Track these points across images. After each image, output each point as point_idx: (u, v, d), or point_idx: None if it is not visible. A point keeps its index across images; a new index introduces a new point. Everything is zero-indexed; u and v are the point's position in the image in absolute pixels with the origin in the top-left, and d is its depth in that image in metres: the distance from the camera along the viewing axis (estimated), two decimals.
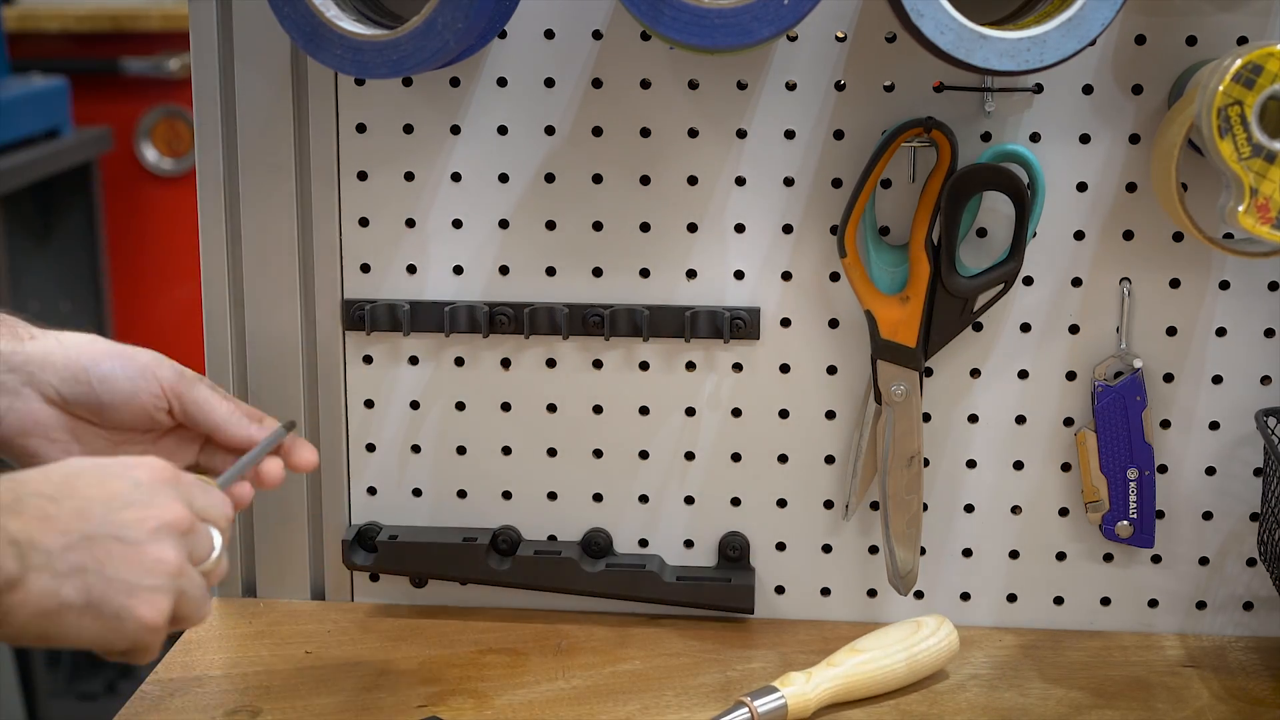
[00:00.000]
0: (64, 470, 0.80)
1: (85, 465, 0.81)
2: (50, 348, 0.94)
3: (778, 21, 0.94)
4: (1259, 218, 0.95)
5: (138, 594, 0.78)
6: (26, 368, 0.93)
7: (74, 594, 0.76)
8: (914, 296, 1.08)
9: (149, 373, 0.95)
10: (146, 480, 0.81)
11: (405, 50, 0.98)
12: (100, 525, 0.78)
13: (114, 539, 0.78)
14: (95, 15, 3.01)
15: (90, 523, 0.78)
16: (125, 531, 0.79)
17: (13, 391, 0.93)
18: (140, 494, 0.80)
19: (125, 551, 0.78)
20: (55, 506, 0.77)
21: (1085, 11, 0.94)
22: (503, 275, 1.13)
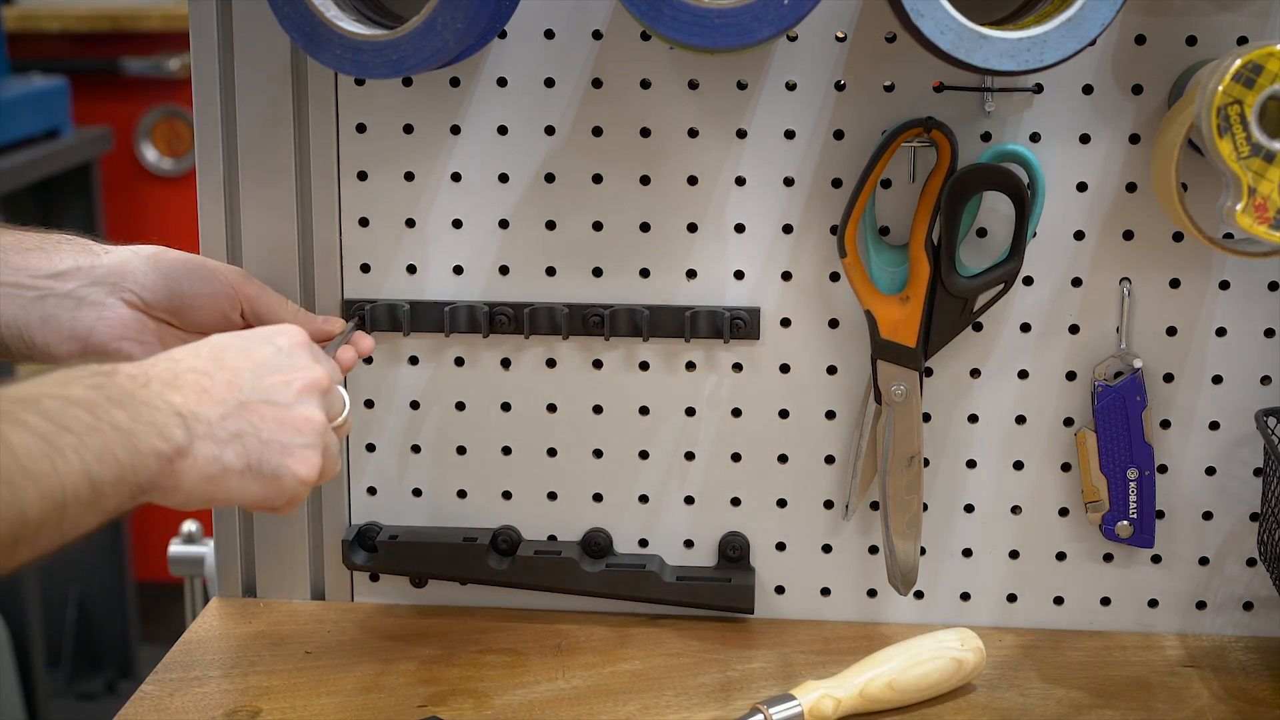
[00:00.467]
0: (211, 345, 0.86)
1: (229, 339, 0.87)
2: (126, 258, 1.00)
3: (778, 21, 0.94)
4: (1257, 217, 0.95)
5: (292, 452, 0.85)
6: (109, 279, 0.98)
7: (235, 458, 0.82)
8: (914, 296, 1.08)
9: (221, 277, 1.02)
10: (287, 346, 0.88)
11: (405, 50, 0.98)
12: (251, 392, 0.84)
13: (265, 403, 0.85)
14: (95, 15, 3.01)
15: (242, 391, 0.84)
16: (274, 395, 0.85)
17: (100, 303, 0.98)
18: (283, 359, 0.87)
19: (277, 414, 0.85)
20: (209, 379, 0.83)
21: (1085, 11, 0.94)
22: (503, 275, 1.13)
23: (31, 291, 0.96)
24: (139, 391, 0.78)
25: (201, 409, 0.81)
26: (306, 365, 0.88)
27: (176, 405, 0.79)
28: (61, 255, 0.98)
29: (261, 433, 0.84)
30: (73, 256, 0.98)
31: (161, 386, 0.80)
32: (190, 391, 0.81)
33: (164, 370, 0.81)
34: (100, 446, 0.74)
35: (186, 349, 0.85)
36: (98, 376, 0.77)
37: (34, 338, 0.96)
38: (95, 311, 0.97)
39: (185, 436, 0.79)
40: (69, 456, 0.72)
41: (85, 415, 0.74)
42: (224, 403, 0.82)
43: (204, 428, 0.80)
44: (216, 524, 1.17)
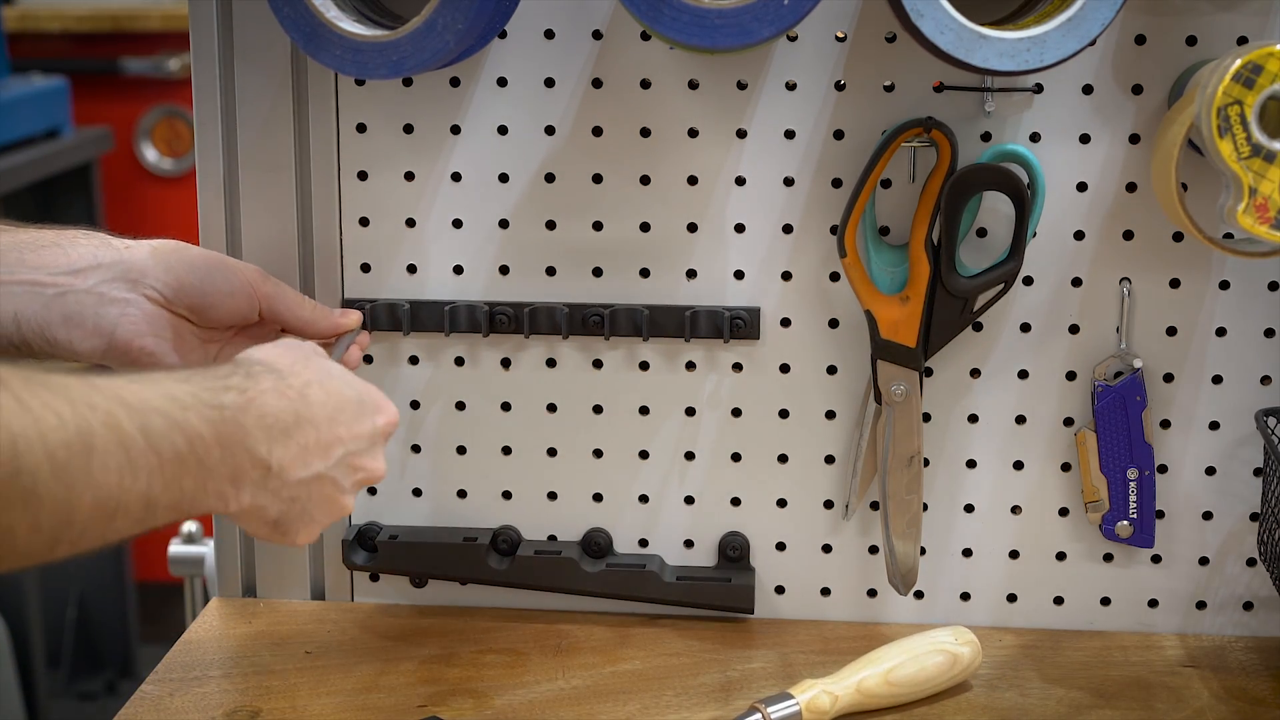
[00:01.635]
0: (337, 400, 0.86)
1: (351, 398, 0.88)
2: (147, 254, 0.99)
3: (778, 22, 0.94)
4: (1258, 217, 0.95)
5: (312, 526, 0.87)
6: (129, 275, 0.98)
7: (274, 513, 0.84)
8: (914, 296, 1.08)
9: (240, 275, 1.01)
10: (381, 433, 0.90)
11: (405, 51, 0.98)
12: (332, 467, 0.86)
13: (331, 481, 0.86)
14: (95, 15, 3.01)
15: (328, 462, 0.85)
16: (342, 478, 0.87)
17: (123, 300, 0.97)
18: (370, 445, 0.89)
19: (331, 496, 0.86)
20: (315, 435, 0.84)
21: (1085, 11, 0.94)
22: (503, 275, 1.13)
23: (51, 289, 0.95)
24: (252, 433, 0.79)
25: (290, 469, 0.82)
26: (378, 460, 0.90)
27: (273, 459, 0.81)
28: (79, 251, 0.97)
29: (309, 505, 0.85)
30: (91, 252, 0.97)
31: (280, 432, 0.81)
32: (295, 446, 0.82)
33: (292, 412, 0.82)
34: (174, 476, 0.74)
35: (319, 389, 0.85)
36: (222, 412, 0.77)
37: (56, 335, 0.96)
38: (118, 308, 0.97)
39: (254, 489, 0.80)
40: (140, 477, 0.72)
41: (183, 446, 0.74)
42: (309, 467, 0.84)
43: (275, 484, 0.82)
44: (216, 524, 1.17)
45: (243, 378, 0.81)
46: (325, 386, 0.86)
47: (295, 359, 0.86)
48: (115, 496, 0.71)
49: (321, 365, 0.88)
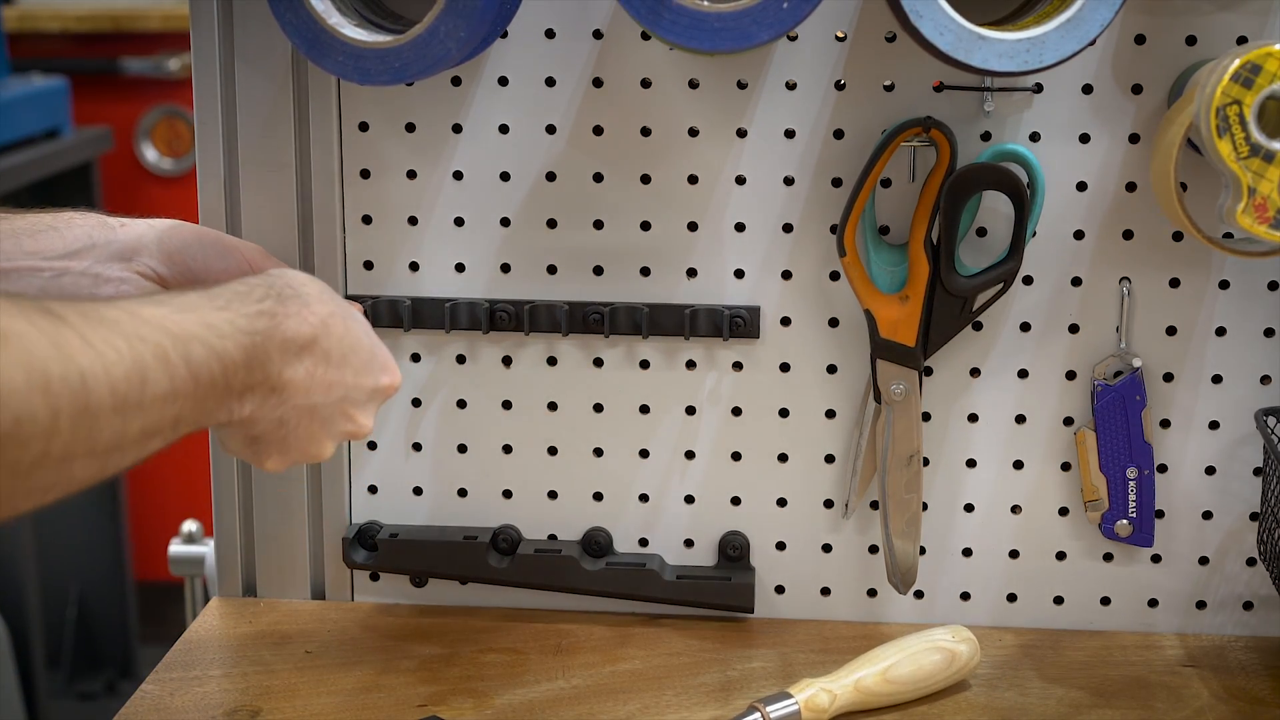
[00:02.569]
0: (351, 341, 0.87)
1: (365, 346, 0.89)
2: (142, 232, 1.00)
3: (777, 25, 0.94)
4: (1257, 217, 0.95)
5: (285, 456, 0.88)
6: (124, 254, 0.98)
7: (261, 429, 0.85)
8: (913, 296, 1.08)
9: (238, 253, 1.01)
10: (380, 393, 0.90)
11: (407, 58, 0.98)
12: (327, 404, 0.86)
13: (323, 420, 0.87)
14: (95, 15, 3.01)
15: (327, 397, 0.86)
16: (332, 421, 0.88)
17: (117, 279, 0.98)
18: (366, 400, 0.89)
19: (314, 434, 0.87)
20: (324, 370, 0.85)
21: (1084, 12, 0.94)
22: (504, 273, 1.13)
23: (48, 272, 0.96)
24: (274, 357, 0.81)
25: (293, 392, 0.83)
26: (369, 415, 0.90)
27: (284, 379, 0.82)
28: (75, 233, 0.98)
29: (292, 433, 0.86)
30: (86, 233, 0.98)
31: (294, 354, 0.82)
32: (304, 370, 0.83)
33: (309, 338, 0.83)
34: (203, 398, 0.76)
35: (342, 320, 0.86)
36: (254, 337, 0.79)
37: None
38: (113, 287, 0.97)
39: (256, 404, 0.81)
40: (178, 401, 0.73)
41: (218, 372, 0.76)
42: (309, 396, 0.85)
43: (274, 401, 0.83)
44: (216, 524, 1.17)
45: (274, 301, 0.82)
46: (345, 324, 0.87)
47: (322, 289, 0.87)
48: (157, 420, 0.72)
49: (345, 303, 0.89)
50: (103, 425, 0.68)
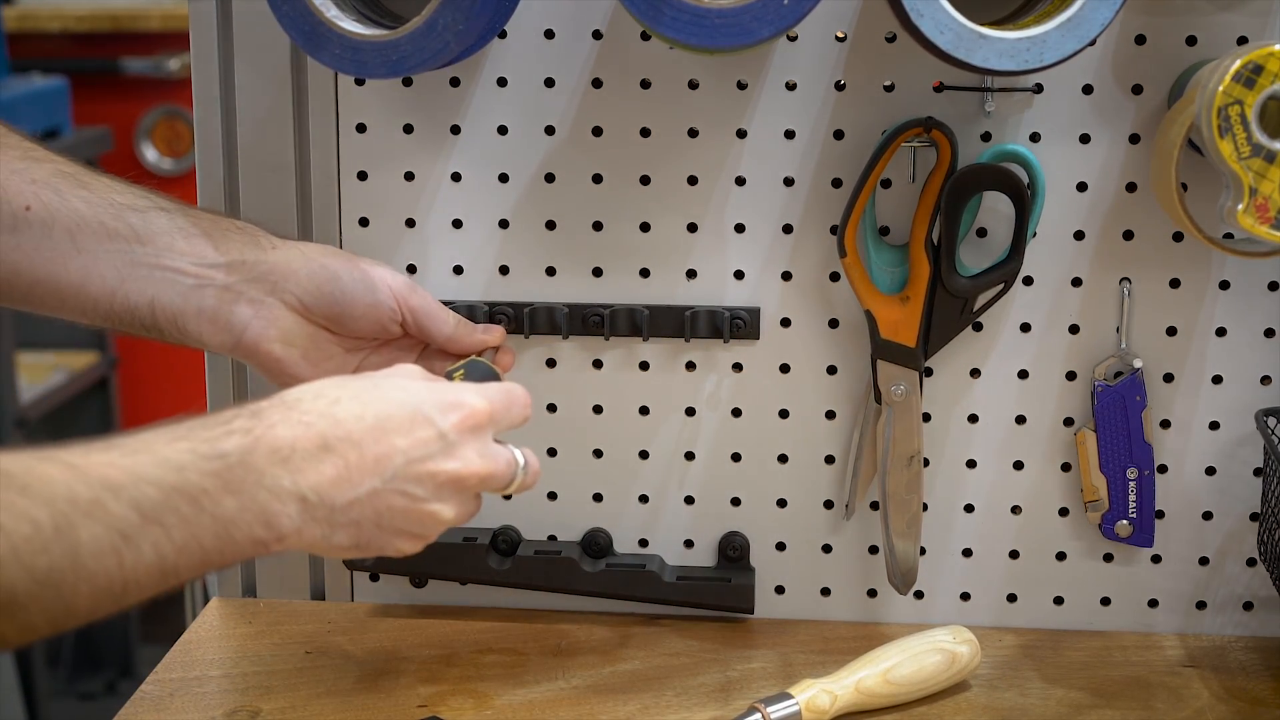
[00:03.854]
0: (379, 409, 0.81)
1: (400, 404, 0.82)
2: (293, 258, 0.97)
3: (778, 22, 0.94)
4: (1258, 217, 0.95)
5: (405, 537, 0.83)
6: (270, 277, 0.97)
7: (344, 539, 0.80)
8: (914, 296, 1.08)
9: (385, 287, 0.99)
10: (455, 431, 0.83)
11: (405, 51, 0.98)
12: (392, 480, 0.81)
13: (400, 494, 0.81)
14: (95, 15, 3.01)
15: (383, 475, 0.80)
16: (413, 488, 0.82)
17: (258, 301, 0.96)
18: (443, 447, 0.83)
19: (406, 507, 0.82)
20: (358, 454, 0.79)
21: (1085, 12, 0.94)
22: (503, 275, 1.13)
23: (191, 279, 0.95)
24: (268, 471, 0.76)
25: (332, 493, 0.78)
26: (463, 459, 0.84)
27: (304, 489, 0.77)
28: (228, 245, 0.96)
29: (382, 521, 0.81)
30: (239, 248, 0.96)
31: (301, 460, 0.77)
32: (329, 469, 0.78)
33: (315, 436, 0.78)
34: (187, 538, 0.72)
35: (355, 403, 0.81)
36: (225, 460, 0.74)
37: (188, 326, 0.95)
38: (252, 309, 0.96)
39: (295, 524, 0.77)
40: (144, 551, 0.70)
41: (186, 508, 0.72)
42: (358, 487, 0.79)
43: (324, 512, 0.78)
44: None
45: (247, 418, 0.77)
46: (362, 400, 0.81)
47: (316, 386, 0.82)
48: (118, 577, 0.70)
49: (365, 381, 0.83)
50: (25, 603, 0.66)
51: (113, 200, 0.94)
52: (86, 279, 0.93)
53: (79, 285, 0.93)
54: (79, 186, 0.93)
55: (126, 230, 0.94)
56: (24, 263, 0.92)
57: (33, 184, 0.92)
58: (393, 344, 1.02)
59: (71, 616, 0.69)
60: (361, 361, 1.01)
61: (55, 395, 2.69)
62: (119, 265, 0.93)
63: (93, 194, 0.94)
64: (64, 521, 0.67)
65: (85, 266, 0.92)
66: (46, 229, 0.92)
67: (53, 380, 2.70)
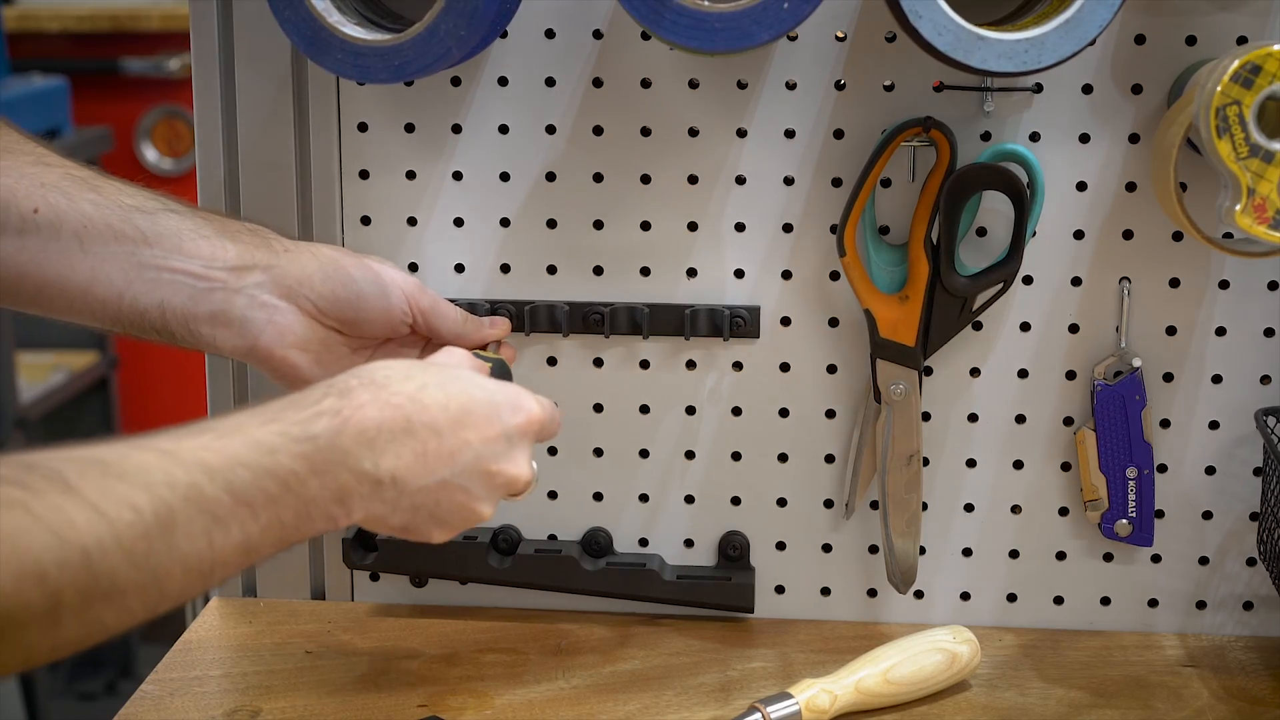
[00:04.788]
0: (462, 401, 0.83)
1: (480, 400, 0.84)
2: (306, 262, 0.97)
3: (777, 25, 0.94)
4: (1256, 217, 0.95)
5: (444, 529, 0.84)
6: (285, 282, 0.96)
7: (398, 521, 0.81)
8: (913, 295, 1.08)
9: (398, 289, 0.99)
10: (518, 434, 0.86)
11: (407, 56, 0.98)
12: (459, 474, 0.82)
13: (461, 489, 0.83)
14: (95, 15, 3.01)
15: (454, 467, 0.82)
16: (474, 485, 0.83)
17: (273, 306, 0.96)
18: (507, 449, 0.85)
19: (462, 501, 0.83)
20: (437, 442, 0.81)
21: (1083, 13, 0.94)
22: (504, 273, 1.13)
23: (203, 283, 0.94)
24: (353, 452, 0.77)
25: (407, 477, 0.80)
26: (518, 464, 0.86)
27: (382, 470, 0.78)
28: (239, 248, 0.96)
29: (437, 511, 0.83)
30: (250, 251, 0.96)
31: (386, 442, 0.78)
32: (409, 453, 0.80)
33: (401, 419, 0.79)
34: (271, 519, 0.73)
35: (439, 391, 0.82)
36: (315, 442, 0.75)
37: (201, 330, 0.95)
38: (266, 314, 0.95)
39: (366, 502, 0.78)
40: (232, 532, 0.71)
41: (275, 489, 0.73)
42: (431, 474, 0.81)
43: (392, 494, 0.79)
44: None
45: (336, 398, 0.78)
46: (446, 389, 0.82)
47: (409, 367, 0.83)
48: (208, 558, 0.71)
49: (442, 370, 0.85)
50: (124, 586, 0.67)
51: (121, 203, 0.94)
52: (93, 281, 0.92)
53: (86, 287, 0.93)
54: (89, 190, 0.93)
55: (134, 232, 0.93)
56: (31, 265, 0.91)
57: (42, 187, 0.91)
58: (395, 341, 1.02)
59: (164, 600, 0.70)
60: (367, 360, 1.00)
61: (55, 395, 2.69)
62: (126, 267, 0.93)
63: (102, 197, 0.93)
64: (162, 506, 0.68)
65: (92, 269, 0.92)
66: (54, 231, 0.91)
67: (53, 380, 2.70)
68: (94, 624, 0.66)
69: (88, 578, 0.65)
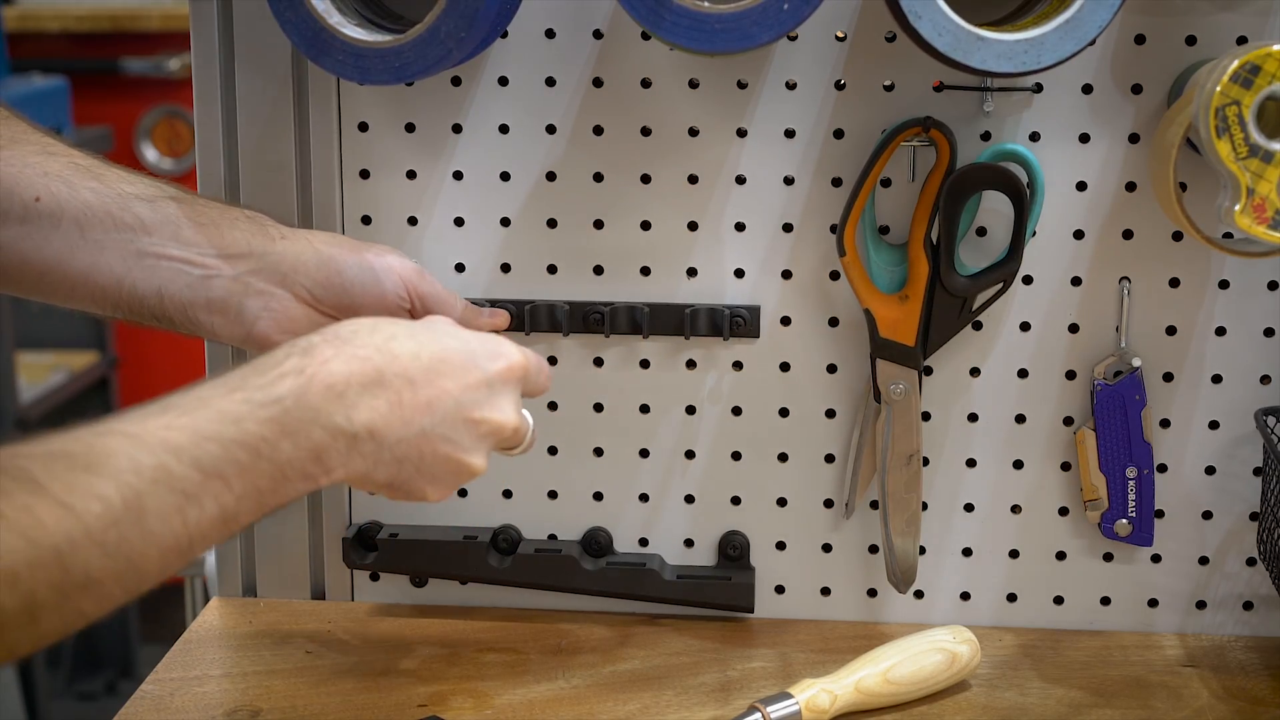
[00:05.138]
0: (434, 349, 0.82)
1: (454, 349, 0.83)
2: (301, 249, 0.97)
3: (777, 26, 0.94)
4: (1255, 217, 0.95)
5: (437, 484, 0.83)
6: (280, 268, 0.96)
7: (383, 477, 0.80)
8: (913, 295, 1.08)
9: (393, 276, 0.99)
10: (499, 380, 0.85)
11: (408, 58, 0.98)
12: (440, 423, 0.81)
13: (445, 439, 0.82)
14: (95, 15, 3.01)
15: (434, 416, 0.81)
16: (458, 434, 0.82)
17: (268, 293, 0.96)
18: (489, 395, 0.84)
19: (448, 453, 0.82)
20: (412, 391, 0.80)
21: (1083, 13, 0.94)
22: (504, 273, 1.13)
23: (199, 270, 0.94)
24: (323, 408, 0.76)
25: (384, 429, 0.79)
26: (503, 410, 0.85)
27: (356, 424, 0.78)
28: (236, 235, 0.96)
29: (424, 464, 0.82)
30: (246, 239, 0.96)
31: (356, 395, 0.78)
32: (383, 404, 0.79)
33: (371, 371, 0.79)
34: (247, 486, 0.73)
35: (410, 341, 0.82)
36: (281, 404, 0.75)
37: (198, 317, 0.95)
38: (262, 301, 0.96)
39: (343, 458, 0.78)
40: (206, 506, 0.71)
41: (246, 457, 0.73)
42: (409, 425, 0.80)
43: (371, 448, 0.79)
44: None
45: (300, 356, 0.78)
46: (417, 338, 0.82)
47: (370, 321, 0.83)
48: (184, 535, 0.71)
49: (416, 323, 0.85)
50: (99, 576, 0.67)
51: (122, 191, 0.94)
52: (94, 269, 0.93)
53: (86, 275, 0.93)
54: (91, 178, 0.94)
55: (133, 220, 0.94)
56: (33, 252, 0.92)
57: (45, 176, 0.92)
58: None
59: (144, 581, 0.70)
60: None
61: (55, 395, 2.69)
62: (125, 255, 0.93)
63: (103, 185, 0.94)
64: (130, 493, 0.68)
65: (92, 256, 0.93)
66: (55, 220, 0.92)
67: (53, 380, 2.70)
68: (74, 614, 0.67)
69: (61, 574, 0.65)
